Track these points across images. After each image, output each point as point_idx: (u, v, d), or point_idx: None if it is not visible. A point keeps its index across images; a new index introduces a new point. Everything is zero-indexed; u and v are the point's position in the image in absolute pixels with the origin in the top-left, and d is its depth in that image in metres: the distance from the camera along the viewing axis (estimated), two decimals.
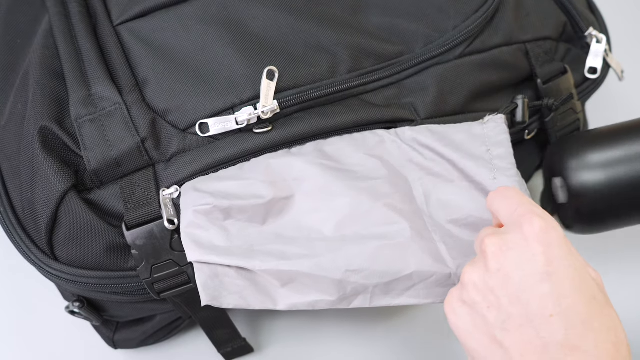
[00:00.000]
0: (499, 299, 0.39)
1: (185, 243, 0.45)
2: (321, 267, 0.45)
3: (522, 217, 0.40)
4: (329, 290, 0.45)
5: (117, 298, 0.50)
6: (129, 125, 0.48)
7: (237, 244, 0.45)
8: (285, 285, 0.45)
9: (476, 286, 0.40)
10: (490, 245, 0.40)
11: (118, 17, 0.52)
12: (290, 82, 0.49)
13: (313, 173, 0.47)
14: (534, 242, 0.39)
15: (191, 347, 0.60)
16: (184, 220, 0.45)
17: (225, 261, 0.44)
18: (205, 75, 0.49)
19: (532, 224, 0.39)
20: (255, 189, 0.46)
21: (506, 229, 0.41)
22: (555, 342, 0.37)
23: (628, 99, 0.75)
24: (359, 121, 0.49)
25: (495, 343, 0.39)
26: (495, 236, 0.40)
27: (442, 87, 0.51)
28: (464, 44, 0.52)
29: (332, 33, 0.51)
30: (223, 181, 0.47)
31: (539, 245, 0.39)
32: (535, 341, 0.38)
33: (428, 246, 0.46)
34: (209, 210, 0.45)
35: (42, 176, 0.47)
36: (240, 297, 0.45)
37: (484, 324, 0.40)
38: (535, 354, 0.37)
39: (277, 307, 0.46)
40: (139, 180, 0.48)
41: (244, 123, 0.47)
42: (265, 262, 0.44)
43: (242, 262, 0.44)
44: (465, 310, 0.41)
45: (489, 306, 0.39)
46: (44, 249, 0.48)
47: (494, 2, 0.53)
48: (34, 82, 0.50)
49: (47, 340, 0.61)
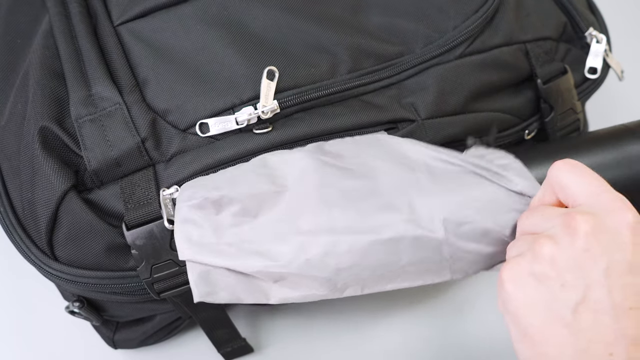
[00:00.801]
0: (578, 280, 0.38)
1: (178, 241, 0.44)
2: (311, 266, 0.44)
3: (614, 203, 0.39)
4: (320, 287, 0.45)
5: (117, 298, 0.50)
6: (129, 125, 0.48)
7: (228, 241, 0.44)
8: (276, 282, 0.45)
9: (554, 262, 0.39)
10: (583, 223, 0.38)
11: (118, 17, 0.52)
12: (290, 82, 0.49)
13: (309, 167, 0.46)
14: (627, 232, 0.38)
15: (191, 347, 0.60)
16: (178, 216, 0.45)
17: (215, 261, 0.44)
18: (205, 75, 0.49)
19: (626, 212, 0.38)
20: (247, 180, 0.46)
21: (592, 209, 0.39)
22: (627, 336, 0.37)
23: (628, 99, 0.75)
24: (360, 123, 0.49)
25: (561, 323, 0.38)
26: (590, 215, 0.39)
27: (442, 87, 0.51)
28: (464, 44, 0.52)
29: (332, 33, 0.51)
30: (217, 175, 0.47)
31: (632, 236, 0.38)
32: (608, 330, 0.37)
33: (422, 241, 0.46)
34: (201, 204, 0.44)
35: (42, 176, 0.47)
36: (232, 293, 0.45)
37: (554, 301, 0.38)
38: (604, 343, 0.37)
39: (269, 301, 0.46)
40: (139, 180, 0.48)
41: (244, 123, 0.47)
42: (255, 263, 0.44)
43: (232, 263, 0.44)
44: (533, 284, 0.39)
45: (563, 284, 0.38)
46: (43, 249, 0.48)
47: (494, 2, 0.54)
48: (34, 82, 0.50)
49: (47, 340, 0.61)
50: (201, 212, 0.45)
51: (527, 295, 0.39)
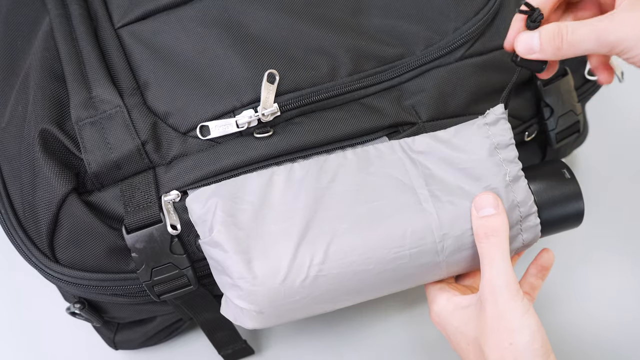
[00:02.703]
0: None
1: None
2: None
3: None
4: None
5: (117, 300, 0.50)
6: (130, 128, 0.48)
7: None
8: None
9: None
10: None
11: (119, 19, 0.52)
12: (291, 85, 0.49)
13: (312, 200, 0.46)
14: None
15: (191, 349, 0.60)
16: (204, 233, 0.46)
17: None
18: (206, 78, 0.49)
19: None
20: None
21: None
22: None
23: (628, 101, 0.75)
24: (361, 130, 0.49)
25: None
26: None
27: (443, 90, 0.51)
28: (465, 46, 0.52)
29: (333, 35, 0.51)
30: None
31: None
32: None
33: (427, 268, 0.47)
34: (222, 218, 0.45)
35: (43, 179, 0.47)
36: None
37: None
38: None
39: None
40: (139, 183, 0.48)
41: (244, 126, 0.47)
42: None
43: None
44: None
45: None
46: (45, 251, 0.48)
47: (495, 4, 0.53)
48: (34, 84, 0.50)
49: (48, 341, 0.61)
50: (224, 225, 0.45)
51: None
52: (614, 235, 0.66)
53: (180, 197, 0.47)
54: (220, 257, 0.45)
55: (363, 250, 0.45)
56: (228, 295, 0.46)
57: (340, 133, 0.49)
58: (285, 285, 0.44)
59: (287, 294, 0.44)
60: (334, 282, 0.45)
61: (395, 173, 0.47)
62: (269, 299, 0.44)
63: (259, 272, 0.44)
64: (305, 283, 0.44)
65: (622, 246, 0.65)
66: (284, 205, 0.45)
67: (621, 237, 0.66)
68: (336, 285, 0.45)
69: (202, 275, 0.49)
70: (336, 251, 0.44)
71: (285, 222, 0.45)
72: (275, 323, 0.47)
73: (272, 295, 0.44)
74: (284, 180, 0.46)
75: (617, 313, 0.62)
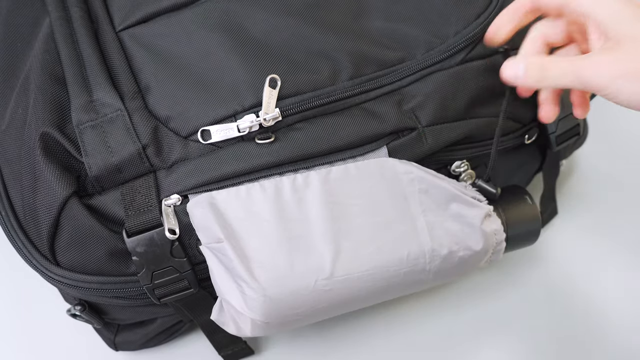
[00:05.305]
0: None
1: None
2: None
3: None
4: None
5: (118, 302, 0.50)
6: (130, 131, 0.48)
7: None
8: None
9: None
10: None
11: (120, 22, 0.52)
12: (292, 89, 0.49)
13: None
14: None
15: (192, 350, 0.61)
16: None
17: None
18: (207, 81, 0.49)
19: None
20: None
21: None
22: None
23: None
24: (362, 138, 0.49)
25: None
26: None
27: (443, 94, 0.51)
28: (466, 50, 0.52)
29: (334, 39, 0.51)
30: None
31: None
32: None
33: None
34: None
35: (44, 182, 0.47)
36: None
37: None
38: None
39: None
40: (140, 186, 0.48)
41: (245, 130, 0.47)
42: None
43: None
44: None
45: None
46: (45, 254, 0.48)
47: (495, 7, 0.53)
48: (35, 87, 0.50)
49: (48, 342, 0.62)
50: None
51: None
52: (614, 235, 0.66)
53: (181, 201, 0.47)
54: (221, 264, 0.45)
55: (367, 268, 0.46)
56: (227, 302, 0.46)
57: (342, 142, 0.49)
58: (289, 296, 0.44)
59: (291, 305, 0.45)
60: (338, 295, 0.46)
61: (396, 192, 0.48)
62: (270, 308, 0.44)
63: (262, 280, 0.44)
64: (310, 297, 0.45)
65: (622, 246, 0.66)
66: (286, 217, 0.46)
67: (621, 237, 0.66)
68: (339, 298, 0.46)
69: (202, 278, 0.49)
70: (342, 267, 0.45)
71: (288, 233, 0.45)
72: (275, 332, 0.47)
73: (274, 305, 0.44)
74: (287, 191, 0.46)
75: (617, 313, 0.62)
